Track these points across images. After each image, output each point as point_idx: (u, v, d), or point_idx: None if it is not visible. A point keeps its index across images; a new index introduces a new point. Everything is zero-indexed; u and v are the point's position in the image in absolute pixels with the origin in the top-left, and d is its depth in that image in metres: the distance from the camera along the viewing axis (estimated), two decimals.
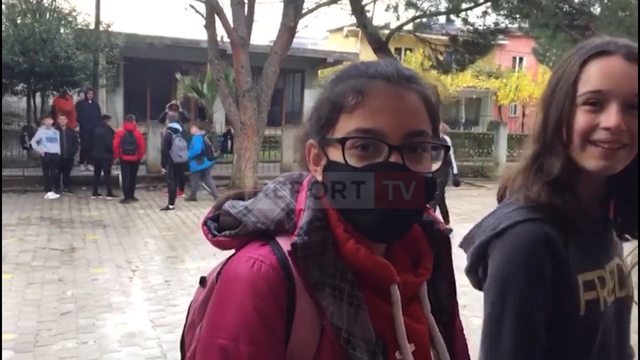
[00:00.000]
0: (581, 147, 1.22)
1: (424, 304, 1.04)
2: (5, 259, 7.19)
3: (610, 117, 1.18)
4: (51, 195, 11.95)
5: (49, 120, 12.39)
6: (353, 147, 0.92)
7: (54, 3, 15.62)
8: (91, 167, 14.18)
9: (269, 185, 1.04)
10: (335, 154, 0.94)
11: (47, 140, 11.97)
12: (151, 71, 20.60)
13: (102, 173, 12.45)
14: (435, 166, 0.97)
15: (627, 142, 1.19)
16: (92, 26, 16.52)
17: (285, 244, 0.94)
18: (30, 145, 12.82)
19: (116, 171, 12.63)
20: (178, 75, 18.42)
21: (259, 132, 13.70)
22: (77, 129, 14.04)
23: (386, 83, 0.93)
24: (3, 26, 14.73)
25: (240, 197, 1.06)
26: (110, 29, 16.77)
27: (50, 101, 15.91)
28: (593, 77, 1.21)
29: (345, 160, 0.92)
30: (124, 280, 6.69)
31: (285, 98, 23.26)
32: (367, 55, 23.64)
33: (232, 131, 14.65)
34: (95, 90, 15.86)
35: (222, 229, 1.02)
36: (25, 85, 15.64)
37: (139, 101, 20.77)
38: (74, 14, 16.02)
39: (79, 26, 16.18)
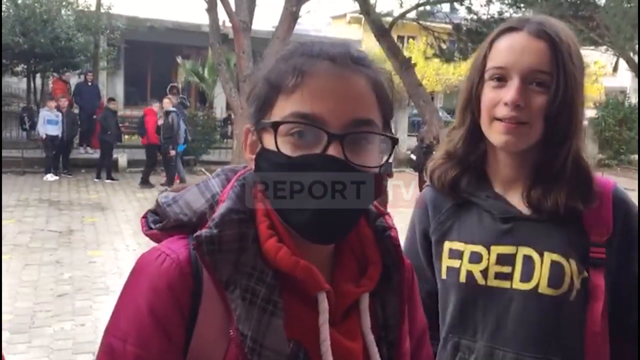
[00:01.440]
0: (488, 123, 1.24)
1: (363, 319, 0.91)
2: (3, 240, 7.17)
3: (508, 92, 1.19)
4: (50, 177, 11.93)
5: (52, 103, 12.35)
6: (288, 134, 0.82)
7: None
8: (90, 150, 14.16)
9: (205, 177, 0.96)
10: (269, 141, 0.84)
11: (48, 122, 11.98)
12: (152, 54, 20.50)
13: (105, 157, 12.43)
14: (383, 161, 0.88)
15: (526, 120, 1.20)
16: (93, 8, 16.40)
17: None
18: (30, 127, 12.84)
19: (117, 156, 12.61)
20: (179, 59, 18.32)
21: None
22: (77, 111, 13.99)
23: (330, 64, 0.83)
24: (4, 6, 14.63)
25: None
26: (111, 11, 16.64)
27: (51, 83, 15.83)
28: (498, 53, 1.24)
29: (278, 148, 0.82)
30: (121, 264, 6.67)
31: None
32: (370, 42, 23.51)
33: (233, 116, 14.59)
34: (95, 72, 15.78)
35: (160, 221, 0.93)
36: (25, 66, 15.55)
37: (139, 84, 20.70)
38: None
39: (80, 8, 16.06)
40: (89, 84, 14.78)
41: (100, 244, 7.46)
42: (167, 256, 0.84)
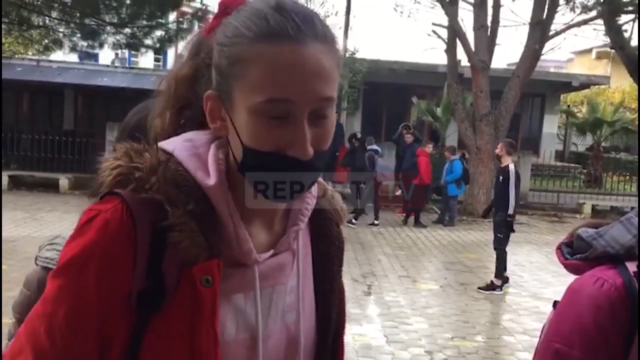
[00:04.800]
0: None
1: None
2: None
3: None
4: None
5: None
6: None
7: None
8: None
9: (627, 214, 1.06)
10: None
11: None
12: (388, 95, 21.33)
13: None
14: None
15: None
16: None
17: (633, 268, 0.96)
18: None
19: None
20: (414, 99, 18.81)
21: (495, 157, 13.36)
22: None
23: None
24: None
25: (596, 225, 1.09)
26: (355, 56, 17.80)
27: None
28: None
29: None
30: (359, 294, 7.01)
31: (523, 123, 22.30)
32: (619, 79, 21.59)
33: (466, 155, 14.51)
34: (338, 112, 16.97)
35: (575, 253, 1.07)
36: None
37: (375, 123, 21.64)
38: None
39: None
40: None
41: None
42: (605, 281, 0.98)
